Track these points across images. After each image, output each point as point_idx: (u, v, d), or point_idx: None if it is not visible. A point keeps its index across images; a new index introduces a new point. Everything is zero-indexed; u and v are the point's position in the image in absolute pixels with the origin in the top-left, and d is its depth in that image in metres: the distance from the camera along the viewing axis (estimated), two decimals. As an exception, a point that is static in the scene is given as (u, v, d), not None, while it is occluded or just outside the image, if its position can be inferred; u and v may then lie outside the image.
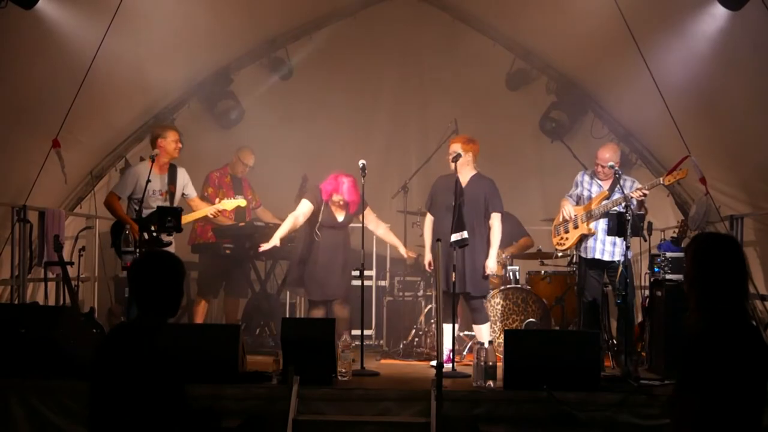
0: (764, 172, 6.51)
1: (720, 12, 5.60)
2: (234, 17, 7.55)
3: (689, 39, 6.05)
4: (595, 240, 6.55)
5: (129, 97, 7.62)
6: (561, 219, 6.80)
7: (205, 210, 7.03)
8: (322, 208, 6.77)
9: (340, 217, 6.83)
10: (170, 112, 8.74)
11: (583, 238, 6.63)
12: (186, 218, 6.83)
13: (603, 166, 6.54)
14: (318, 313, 6.75)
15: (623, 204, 6.05)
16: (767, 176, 6.51)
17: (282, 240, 6.80)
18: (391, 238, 7.15)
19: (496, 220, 6.60)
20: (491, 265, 6.56)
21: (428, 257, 6.74)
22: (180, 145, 6.79)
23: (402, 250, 7.08)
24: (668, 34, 6.24)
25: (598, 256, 6.56)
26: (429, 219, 6.81)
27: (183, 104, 8.81)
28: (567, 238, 6.77)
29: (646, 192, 6.32)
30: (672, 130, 6.48)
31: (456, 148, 6.56)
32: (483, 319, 6.64)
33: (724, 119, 6.59)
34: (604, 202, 6.47)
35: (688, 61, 6.22)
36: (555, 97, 8.90)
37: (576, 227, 6.66)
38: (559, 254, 7.83)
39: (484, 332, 6.55)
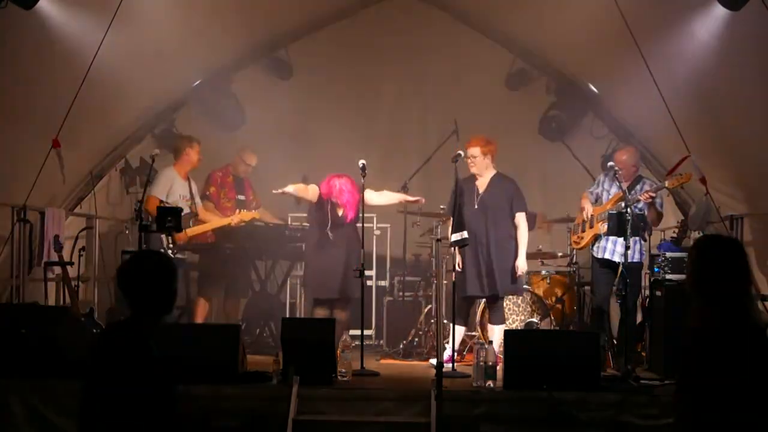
0: (764, 172, 6.51)
1: (720, 12, 5.59)
2: (234, 17, 7.54)
3: (689, 39, 6.05)
4: (607, 240, 6.58)
5: (129, 97, 7.61)
6: (581, 219, 6.86)
7: (225, 220, 7.44)
8: (329, 208, 6.75)
9: (340, 210, 6.81)
10: (170, 112, 8.74)
11: (597, 237, 6.67)
12: (202, 228, 7.41)
13: (621, 169, 6.54)
14: (321, 313, 6.75)
15: (623, 204, 6.07)
16: (767, 176, 6.52)
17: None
18: (394, 196, 7.06)
19: (522, 220, 6.64)
20: (521, 265, 6.58)
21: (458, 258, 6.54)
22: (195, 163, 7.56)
23: (408, 198, 7.02)
24: (668, 34, 6.24)
25: (608, 256, 6.60)
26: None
27: (183, 104, 8.81)
28: (582, 237, 6.89)
29: (653, 195, 6.38)
30: (672, 130, 6.47)
31: (474, 151, 6.59)
32: (500, 320, 6.66)
33: (724, 119, 6.59)
34: (619, 204, 6.45)
35: (688, 60, 6.22)
36: (555, 97, 8.89)
37: (591, 227, 6.72)
38: (559, 254, 7.86)
39: (497, 333, 6.52)
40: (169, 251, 6.78)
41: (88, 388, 3.17)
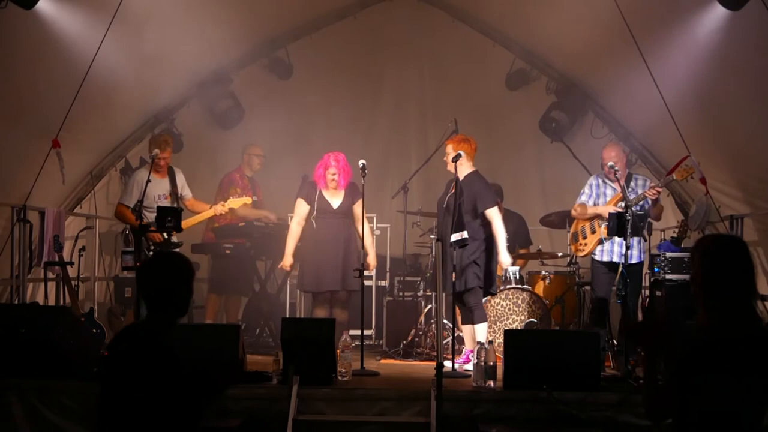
0: (764, 172, 6.51)
1: (720, 12, 5.60)
2: (234, 17, 7.54)
3: (689, 39, 6.05)
4: (612, 243, 6.54)
5: (129, 97, 7.62)
6: (579, 225, 6.78)
7: (211, 211, 7.21)
8: (317, 197, 6.78)
9: (335, 202, 6.82)
10: (170, 112, 8.74)
11: (601, 242, 6.58)
12: (192, 220, 7.21)
13: (617, 163, 6.46)
14: (321, 312, 6.74)
15: (623, 204, 6.06)
16: (767, 176, 6.51)
17: (286, 237, 6.91)
18: (367, 242, 6.80)
19: (493, 214, 6.37)
20: (504, 260, 6.37)
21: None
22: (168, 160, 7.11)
23: (370, 258, 6.81)
24: (668, 34, 6.24)
25: (606, 258, 6.58)
26: None
27: (183, 104, 8.81)
28: (586, 244, 6.69)
29: (660, 190, 6.30)
30: (672, 130, 6.48)
31: (449, 149, 6.52)
32: (477, 319, 6.39)
33: (723, 119, 6.60)
34: (620, 204, 6.36)
35: (688, 61, 6.22)
36: (555, 97, 8.89)
37: (593, 232, 6.62)
38: (559, 254, 7.86)
39: (478, 333, 6.34)
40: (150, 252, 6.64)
41: (107, 389, 3.17)
